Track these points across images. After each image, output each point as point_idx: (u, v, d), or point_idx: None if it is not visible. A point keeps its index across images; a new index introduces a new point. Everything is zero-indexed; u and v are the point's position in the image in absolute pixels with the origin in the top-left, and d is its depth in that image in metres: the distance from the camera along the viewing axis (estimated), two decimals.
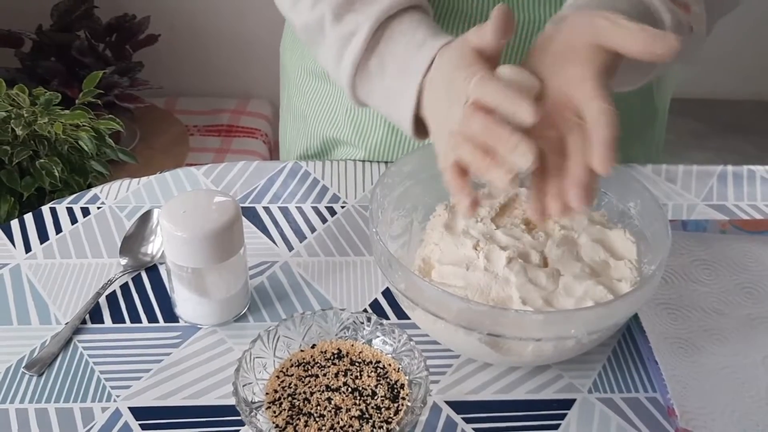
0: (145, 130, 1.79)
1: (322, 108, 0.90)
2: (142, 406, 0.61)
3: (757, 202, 0.82)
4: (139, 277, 0.72)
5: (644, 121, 0.91)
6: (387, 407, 0.60)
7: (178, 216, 0.63)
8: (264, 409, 0.60)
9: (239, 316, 0.69)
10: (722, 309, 0.68)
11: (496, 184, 0.56)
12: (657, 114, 0.92)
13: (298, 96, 0.93)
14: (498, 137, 0.55)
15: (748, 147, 2.28)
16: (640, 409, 0.62)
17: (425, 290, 0.59)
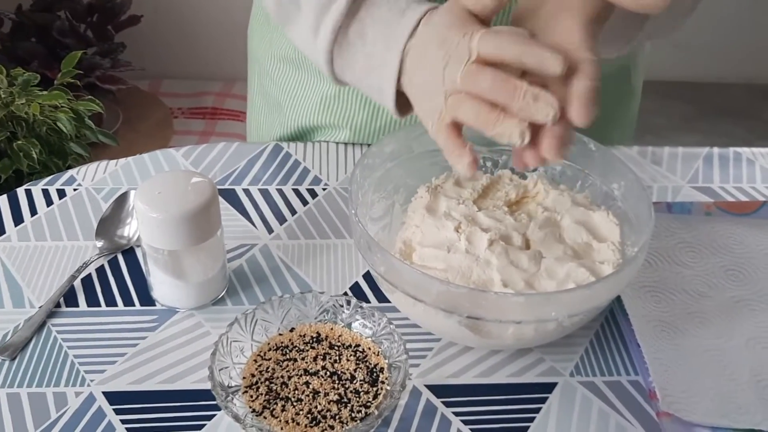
0: (128, 113, 1.77)
1: (297, 96, 0.88)
2: (116, 390, 0.60)
3: (742, 185, 0.82)
4: (116, 260, 0.71)
5: (621, 101, 0.90)
6: (366, 391, 0.59)
7: (154, 197, 0.62)
8: (241, 394, 0.59)
9: (217, 299, 0.67)
10: (706, 291, 0.67)
11: (506, 138, 0.54)
12: (633, 94, 0.91)
13: (271, 84, 0.92)
14: (512, 92, 0.53)
15: (737, 130, 2.28)
16: (622, 392, 0.61)
17: (405, 273, 0.58)
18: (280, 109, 0.91)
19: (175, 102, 1.95)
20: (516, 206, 0.70)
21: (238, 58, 2.12)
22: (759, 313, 0.66)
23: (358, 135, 0.85)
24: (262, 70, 0.93)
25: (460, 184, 0.72)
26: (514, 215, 0.68)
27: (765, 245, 0.72)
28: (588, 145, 0.69)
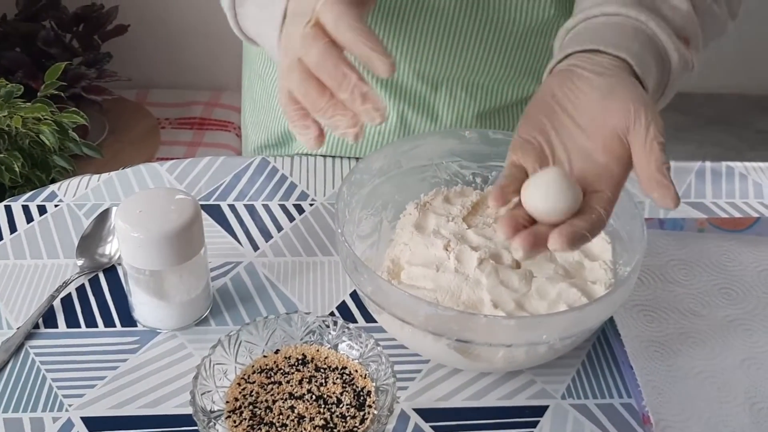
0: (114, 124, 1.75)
1: None
2: (95, 415, 0.58)
3: (735, 200, 0.81)
4: (96, 279, 0.69)
5: None
6: (352, 416, 0.57)
7: (134, 216, 0.60)
8: (224, 419, 0.57)
9: (200, 319, 0.66)
10: (699, 310, 0.66)
11: (339, 133, 0.52)
12: None
13: (259, 84, 0.91)
14: (340, 80, 0.50)
15: (730, 140, 2.28)
16: (615, 415, 0.60)
17: (392, 295, 0.56)
18: (265, 110, 0.90)
19: (162, 112, 1.93)
20: None
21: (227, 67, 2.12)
22: (753, 332, 0.64)
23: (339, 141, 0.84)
24: (253, 71, 0.92)
25: (450, 201, 0.70)
26: None
27: (759, 263, 0.71)
28: None
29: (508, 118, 0.85)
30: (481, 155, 0.71)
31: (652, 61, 0.58)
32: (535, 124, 0.54)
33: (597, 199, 0.51)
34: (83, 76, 1.56)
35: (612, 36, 0.58)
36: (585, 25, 0.60)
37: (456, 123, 0.82)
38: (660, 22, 0.59)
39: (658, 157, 0.50)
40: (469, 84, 0.80)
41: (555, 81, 0.56)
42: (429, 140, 0.72)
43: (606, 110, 0.53)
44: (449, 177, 0.72)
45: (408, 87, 0.80)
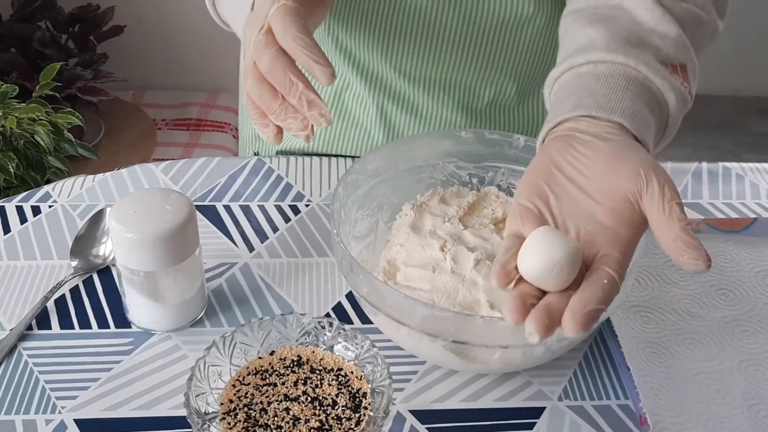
0: (110, 125, 1.74)
1: None
2: (88, 417, 0.58)
3: (732, 201, 0.80)
4: (91, 280, 0.69)
5: None
6: (348, 417, 0.57)
7: (128, 216, 0.60)
8: (218, 421, 0.57)
9: (195, 321, 0.65)
10: (696, 311, 0.66)
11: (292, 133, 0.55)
12: None
13: None
14: (288, 87, 0.53)
15: (725, 143, 2.28)
16: (612, 417, 0.59)
17: (388, 296, 0.56)
18: None
19: (158, 113, 1.93)
20: (503, 224, 0.68)
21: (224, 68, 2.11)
22: (751, 334, 0.64)
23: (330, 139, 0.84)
24: None
25: (446, 202, 0.70)
26: (501, 233, 0.66)
27: (756, 264, 0.70)
28: None
29: (491, 118, 0.84)
30: (477, 156, 0.71)
31: (648, 112, 0.56)
32: (534, 190, 0.52)
33: (607, 261, 0.48)
34: (79, 77, 1.55)
35: (602, 93, 0.55)
36: (572, 77, 0.58)
37: (436, 118, 0.82)
38: (651, 62, 0.57)
39: (680, 218, 0.48)
40: (446, 81, 0.79)
41: (555, 146, 0.53)
42: (424, 141, 0.71)
43: (614, 175, 0.51)
44: (445, 178, 0.72)
45: (386, 81, 0.80)
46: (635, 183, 0.50)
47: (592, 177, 0.51)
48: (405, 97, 0.81)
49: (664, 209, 0.49)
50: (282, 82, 0.54)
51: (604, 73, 0.56)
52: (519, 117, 0.84)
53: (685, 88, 0.59)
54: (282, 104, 0.55)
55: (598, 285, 0.46)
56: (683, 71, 0.59)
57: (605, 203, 0.50)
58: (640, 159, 0.51)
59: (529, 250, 0.47)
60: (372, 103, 0.81)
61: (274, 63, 0.54)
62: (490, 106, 0.82)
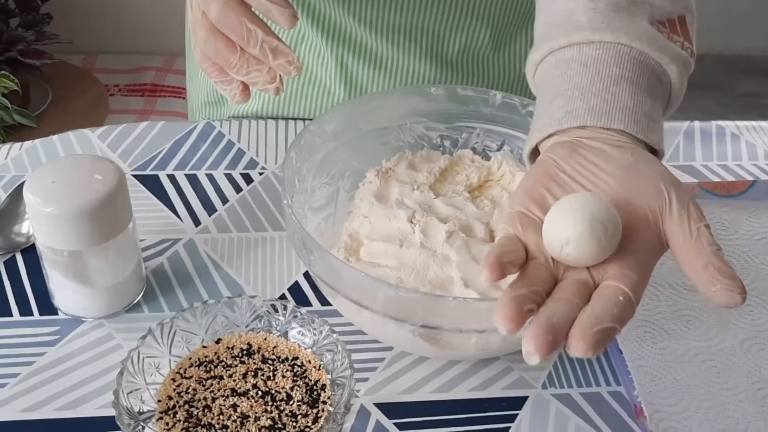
0: (58, 91, 1.64)
1: None
2: (4, 420, 0.50)
3: (727, 162, 0.74)
4: (13, 261, 0.61)
5: None
6: (304, 414, 0.50)
7: (47, 187, 0.52)
8: (155, 421, 0.50)
9: (131, 305, 0.58)
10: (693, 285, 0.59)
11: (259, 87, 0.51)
12: None
13: None
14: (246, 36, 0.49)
15: (709, 104, 2.23)
16: (603, 406, 0.53)
17: (346, 275, 0.49)
18: None
19: (111, 79, 1.83)
20: (478, 191, 0.62)
21: (180, 31, 2.01)
22: (753, 308, 0.58)
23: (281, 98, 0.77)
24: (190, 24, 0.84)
25: (415, 167, 0.63)
26: (476, 202, 0.60)
27: (756, 231, 0.64)
28: None
29: (463, 69, 0.76)
30: (450, 115, 0.64)
31: (650, 101, 0.48)
32: (535, 197, 0.44)
33: (622, 279, 0.40)
34: (20, 38, 1.45)
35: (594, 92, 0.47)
36: (556, 64, 0.50)
37: (402, 70, 0.74)
38: (645, 30, 0.49)
39: (710, 242, 0.41)
40: (411, 28, 0.72)
41: (560, 153, 0.46)
42: (390, 98, 0.64)
43: (630, 189, 0.43)
44: (414, 140, 0.65)
45: (346, 31, 0.73)
46: (655, 200, 0.42)
47: (606, 190, 0.44)
48: (367, 47, 0.73)
49: (691, 232, 0.41)
50: (237, 31, 0.49)
51: (593, 59, 0.48)
52: (494, 67, 0.77)
53: (687, 49, 0.51)
54: (242, 56, 0.50)
55: (612, 301, 0.38)
56: (682, 25, 0.52)
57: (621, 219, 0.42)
58: (659, 174, 0.44)
59: (560, 215, 0.40)
60: (331, 56, 0.74)
61: (226, 10, 0.49)
62: (461, 55, 0.75)
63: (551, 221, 0.40)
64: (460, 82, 0.76)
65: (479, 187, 0.62)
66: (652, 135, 0.47)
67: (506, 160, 0.62)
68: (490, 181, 0.62)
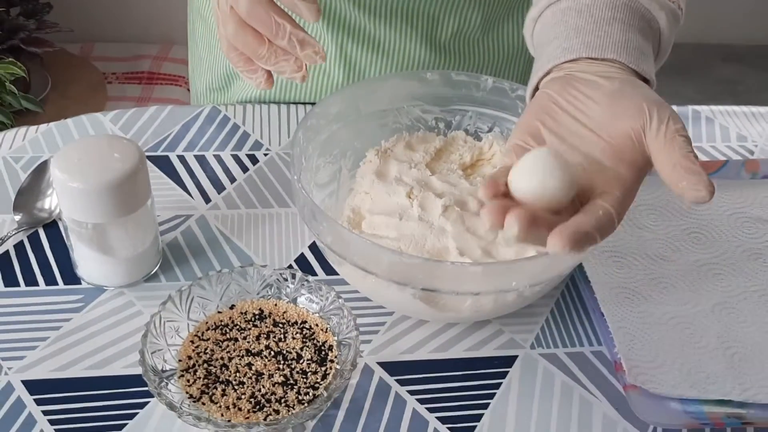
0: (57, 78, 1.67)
1: None
2: (37, 378, 0.54)
3: (702, 144, 0.79)
4: (36, 235, 0.65)
5: None
6: (314, 371, 0.55)
7: (73, 165, 0.56)
8: (176, 378, 0.54)
9: (149, 275, 0.62)
10: (669, 255, 0.64)
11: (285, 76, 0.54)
12: None
13: (202, 24, 0.86)
14: (274, 29, 0.52)
15: (687, 90, 2.27)
16: (586, 364, 0.58)
17: (353, 243, 0.53)
18: (207, 52, 0.86)
19: (108, 66, 1.85)
20: (471, 169, 0.66)
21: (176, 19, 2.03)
22: (723, 277, 0.63)
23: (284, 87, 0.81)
24: (195, 11, 0.88)
25: (412, 147, 0.67)
26: (469, 179, 0.64)
27: (728, 207, 0.69)
28: None
29: (455, 52, 0.80)
30: (444, 98, 0.68)
31: (642, 39, 0.52)
32: (528, 130, 0.49)
33: (605, 198, 0.44)
34: (21, 26, 1.47)
35: (588, 30, 0.51)
36: (552, 15, 0.54)
37: (399, 53, 0.78)
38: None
39: (682, 146, 0.45)
40: (408, 11, 0.76)
41: (553, 88, 0.50)
42: (388, 83, 0.68)
43: (616, 112, 0.47)
44: (411, 122, 0.69)
45: (345, 17, 0.76)
46: (638, 120, 0.46)
47: (593, 115, 0.48)
48: (366, 32, 0.77)
49: (666, 138, 0.45)
50: (267, 24, 0.52)
51: (587, 5, 0.53)
52: (483, 49, 0.81)
53: (674, 2, 0.55)
54: (270, 48, 0.53)
55: (593, 214, 0.43)
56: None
57: (606, 141, 0.47)
58: (643, 95, 0.48)
59: (523, 168, 0.44)
60: (331, 41, 0.77)
61: (254, 5, 0.51)
62: (454, 38, 0.79)
63: (512, 176, 0.44)
64: (452, 64, 0.80)
65: (472, 165, 0.66)
66: (642, 65, 0.51)
67: (497, 141, 0.67)
68: (482, 160, 0.66)
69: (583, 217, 0.43)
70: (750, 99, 1.21)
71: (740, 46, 2.47)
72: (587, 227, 0.42)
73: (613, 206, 0.44)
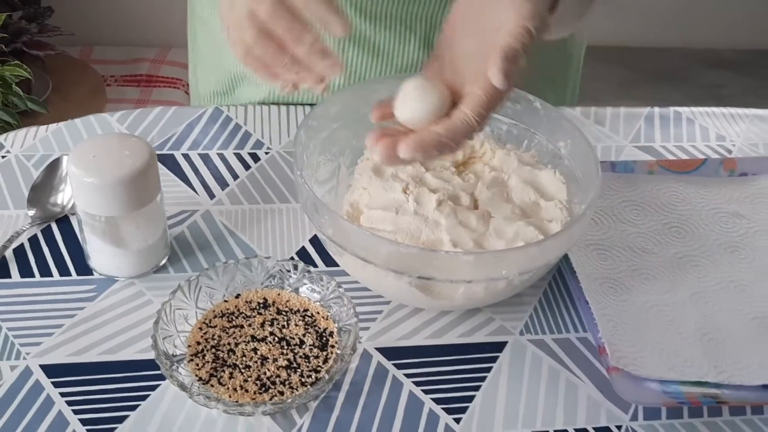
0: (58, 81, 1.69)
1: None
2: (54, 363, 0.57)
3: (683, 143, 0.83)
4: (49, 229, 0.68)
5: (556, 66, 0.89)
6: (315, 356, 0.58)
7: (88, 161, 0.59)
8: (186, 362, 0.57)
9: (158, 267, 0.65)
10: (651, 248, 0.68)
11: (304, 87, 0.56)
12: (571, 60, 0.90)
13: (203, 29, 0.89)
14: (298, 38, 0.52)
15: (674, 94, 2.32)
16: (572, 349, 0.61)
17: (353, 234, 0.56)
18: (210, 58, 0.88)
19: (107, 69, 1.88)
20: (463, 167, 0.69)
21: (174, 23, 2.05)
22: (702, 268, 0.67)
23: None
24: (196, 15, 0.90)
25: None
26: (462, 175, 0.67)
27: (706, 202, 0.73)
28: (534, 103, 0.68)
29: None
30: None
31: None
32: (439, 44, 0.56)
33: (467, 102, 0.51)
34: (24, 30, 1.50)
35: None
36: None
37: (399, 58, 0.81)
38: None
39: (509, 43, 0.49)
40: (408, 16, 0.79)
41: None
42: (386, 84, 0.70)
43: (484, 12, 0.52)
44: None
45: None
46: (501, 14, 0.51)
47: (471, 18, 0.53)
48: (365, 36, 0.80)
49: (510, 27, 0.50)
50: (291, 32, 0.52)
51: None
52: None
53: None
54: (292, 58, 0.53)
55: (446, 124, 0.51)
56: None
57: (475, 40, 0.52)
58: None
59: (400, 98, 0.54)
60: (331, 44, 0.80)
61: (278, 10, 0.51)
62: None
63: (395, 107, 0.55)
64: None
65: (464, 163, 0.70)
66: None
67: (487, 140, 0.70)
68: (474, 158, 0.70)
69: (436, 126, 0.51)
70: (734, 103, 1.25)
71: (725, 52, 2.53)
72: (437, 136, 0.51)
73: (472, 109, 0.50)
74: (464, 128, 0.51)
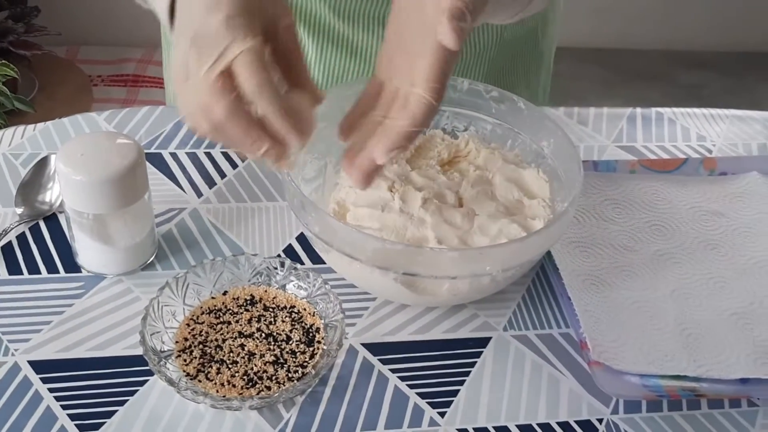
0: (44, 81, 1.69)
1: None
2: (42, 359, 0.58)
3: (664, 143, 0.84)
4: (37, 227, 0.68)
5: (529, 66, 0.90)
6: (302, 351, 0.59)
7: (76, 159, 0.60)
8: (174, 358, 0.58)
9: (146, 264, 0.66)
10: (632, 246, 0.69)
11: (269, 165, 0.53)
12: (542, 59, 0.92)
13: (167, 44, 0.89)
14: (249, 144, 0.50)
15: (654, 95, 2.34)
16: (554, 344, 0.62)
17: (340, 231, 0.57)
18: None
19: (94, 69, 1.88)
20: (448, 165, 0.70)
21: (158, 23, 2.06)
22: (682, 265, 0.68)
23: None
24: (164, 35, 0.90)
25: None
26: (447, 174, 0.68)
27: (687, 200, 0.74)
28: (518, 104, 0.69)
29: None
30: None
31: None
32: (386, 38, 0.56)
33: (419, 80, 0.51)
34: (10, 30, 1.50)
35: None
36: None
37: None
38: None
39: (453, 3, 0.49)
40: (385, 16, 0.78)
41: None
42: None
43: None
44: None
45: (324, 23, 0.79)
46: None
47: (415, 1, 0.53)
48: (345, 38, 0.80)
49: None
50: (242, 140, 0.50)
51: None
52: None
53: None
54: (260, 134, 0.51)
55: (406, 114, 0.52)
56: None
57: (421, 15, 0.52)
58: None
59: None
60: (312, 47, 0.81)
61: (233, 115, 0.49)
62: None
63: None
64: None
65: (449, 162, 0.71)
66: None
67: (472, 139, 0.71)
68: (459, 157, 0.71)
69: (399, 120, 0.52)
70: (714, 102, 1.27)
71: (704, 53, 2.56)
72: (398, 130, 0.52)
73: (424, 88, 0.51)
74: (424, 110, 0.51)
